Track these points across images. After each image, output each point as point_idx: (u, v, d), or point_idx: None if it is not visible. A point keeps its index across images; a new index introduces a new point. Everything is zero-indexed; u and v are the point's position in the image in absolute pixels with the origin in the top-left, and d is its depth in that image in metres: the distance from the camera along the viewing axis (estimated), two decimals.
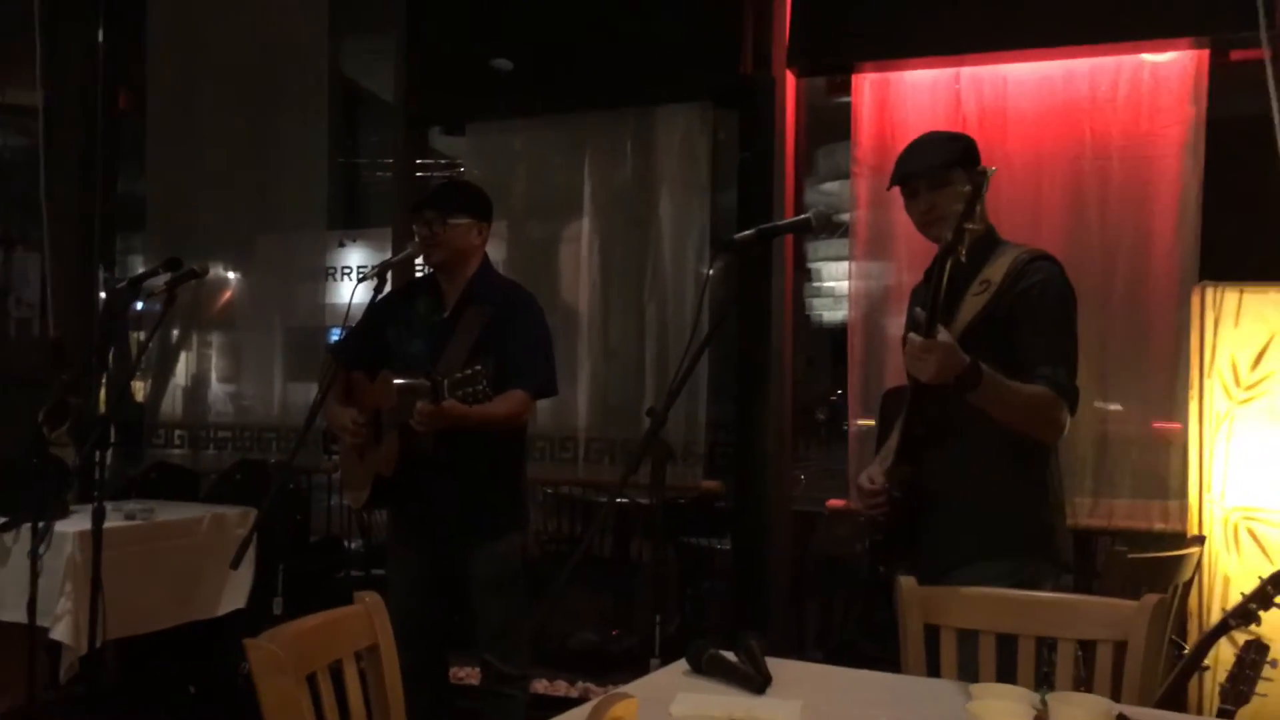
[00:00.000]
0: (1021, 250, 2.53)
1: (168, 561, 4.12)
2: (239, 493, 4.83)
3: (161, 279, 3.44)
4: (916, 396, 2.41)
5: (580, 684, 4.62)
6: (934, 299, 2.29)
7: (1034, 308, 2.44)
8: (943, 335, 2.29)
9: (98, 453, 3.49)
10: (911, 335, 2.32)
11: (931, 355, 2.27)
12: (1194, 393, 3.45)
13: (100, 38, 5.56)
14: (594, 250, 4.75)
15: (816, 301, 8.59)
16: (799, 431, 4.61)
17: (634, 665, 4.20)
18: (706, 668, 2.02)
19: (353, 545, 5.39)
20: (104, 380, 5.46)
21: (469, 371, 2.83)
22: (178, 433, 5.41)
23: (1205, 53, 3.74)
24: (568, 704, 3.29)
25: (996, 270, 2.48)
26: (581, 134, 4.77)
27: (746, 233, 2.31)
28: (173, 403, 5.48)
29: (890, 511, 2.50)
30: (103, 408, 5.19)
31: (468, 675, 4.31)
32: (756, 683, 1.93)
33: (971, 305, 2.47)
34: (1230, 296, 3.41)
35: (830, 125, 4.85)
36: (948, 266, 2.26)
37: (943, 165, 2.54)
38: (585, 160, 4.77)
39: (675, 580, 5.05)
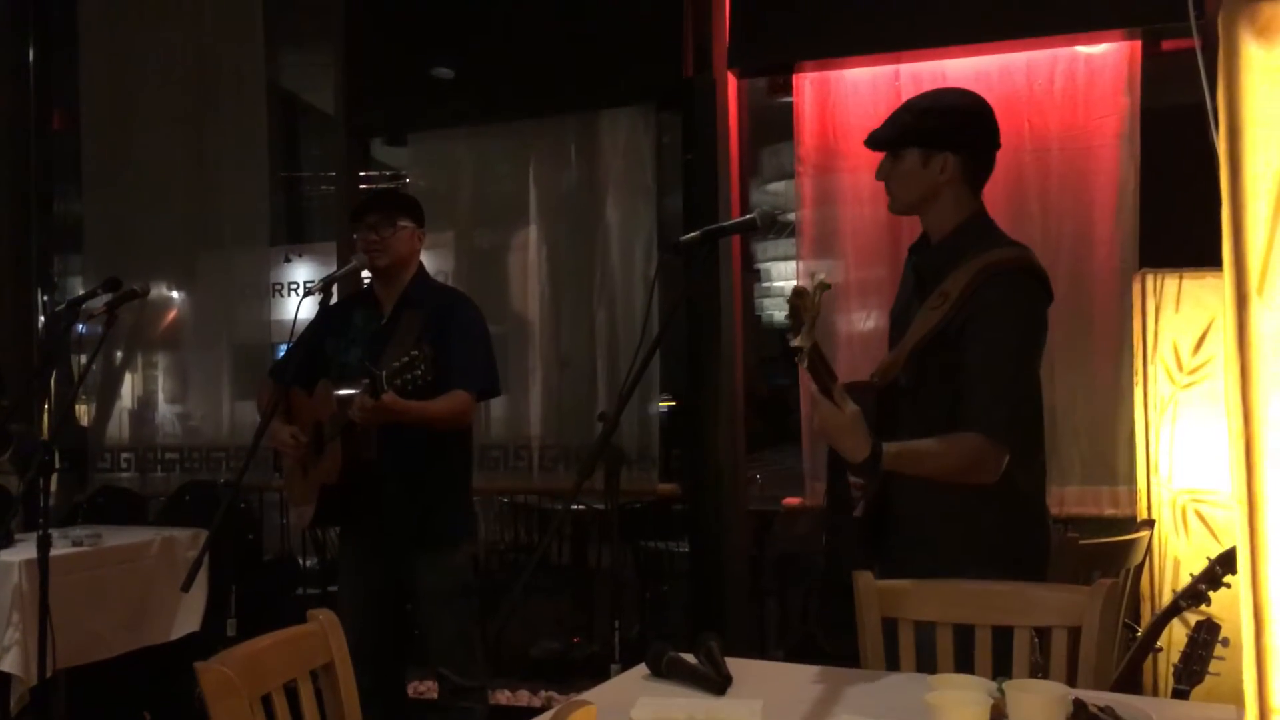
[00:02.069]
0: (995, 254, 2.28)
1: (118, 587, 4.05)
2: (189, 514, 4.76)
3: (102, 300, 3.38)
4: (878, 402, 2.27)
5: (543, 692, 4.60)
6: (819, 375, 2.04)
7: (980, 334, 2.21)
8: (848, 408, 2.06)
9: (41, 479, 3.42)
10: (815, 392, 2.09)
11: (817, 413, 2.09)
12: (1138, 379, 3.50)
13: (31, 57, 5.47)
14: (541, 257, 4.74)
15: (766, 301, 8.63)
16: (752, 431, 4.62)
17: (595, 671, 4.19)
18: (667, 670, 2.02)
19: (307, 563, 5.33)
20: (46, 405, 5.36)
21: (405, 359, 2.82)
22: (124, 456, 5.32)
23: (1137, 43, 3.81)
24: (531, 713, 3.27)
25: (957, 281, 2.25)
26: (525, 141, 4.75)
27: (692, 234, 2.27)
28: (118, 425, 5.39)
29: (859, 523, 2.37)
30: (45, 433, 5.09)
31: (428, 689, 4.27)
32: (717, 684, 1.93)
33: (926, 320, 2.28)
34: (1170, 283, 3.46)
35: (773, 125, 4.87)
36: (815, 360, 1.96)
37: (893, 140, 2.35)
38: (530, 167, 4.76)
39: (634, 585, 5.04)
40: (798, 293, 1.89)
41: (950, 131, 2.34)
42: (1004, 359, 2.23)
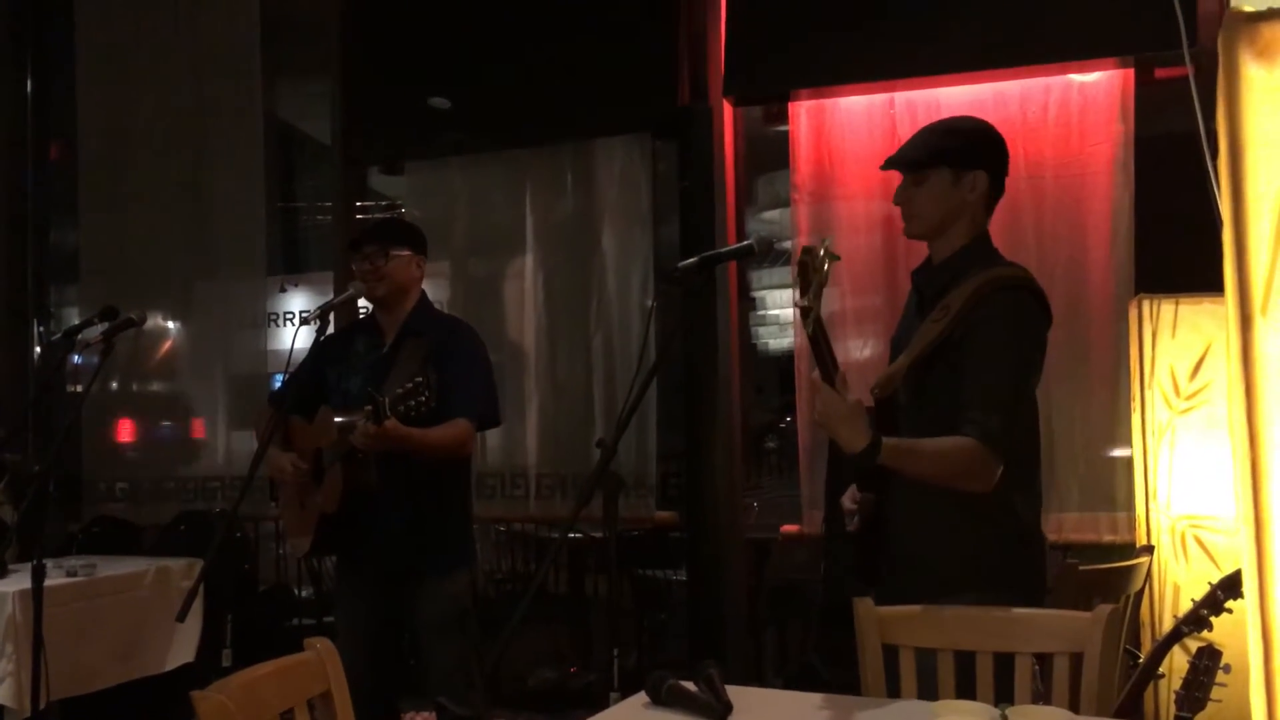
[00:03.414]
0: (996, 272, 2.32)
1: (112, 618, 4.02)
2: (184, 544, 4.73)
3: (98, 329, 3.38)
4: (876, 415, 2.26)
5: None
6: (821, 357, 2.13)
7: (980, 343, 2.24)
8: (849, 396, 2.14)
9: (36, 509, 3.41)
10: (816, 378, 2.17)
11: (818, 399, 2.16)
12: (1136, 404, 3.50)
13: (29, 88, 5.49)
14: (538, 285, 4.74)
15: (763, 330, 8.64)
16: (750, 459, 4.62)
17: (593, 701, 4.16)
18: (666, 699, 2.00)
19: (303, 593, 5.30)
20: (42, 435, 5.34)
21: (409, 385, 2.82)
22: (119, 485, 5.30)
23: (1130, 72, 3.83)
24: None
25: (959, 295, 2.29)
26: (521, 170, 4.77)
27: (689, 261, 2.28)
28: (114, 455, 5.37)
29: (855, 544, 2.38)
30: (41, 463, 5.08)
31: (425, 719, 4.24)
32: (717, 711, 1.91)
33: (927, 333, 2.31)
34: (1167, 308, 3.46)
35: (769, 154, 4.89)
36: (819, 336, 2.09)
37: (921, 161, 2.38)
38: (526, 196, 4.77)
39: (632, 613, 5.02)
40: (807, 250, 1.97)
41: (981, 150, 2.40)
42: (1002, 368, 2.25)
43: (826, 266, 1.96)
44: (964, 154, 2.37)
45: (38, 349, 5.46)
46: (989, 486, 2.21)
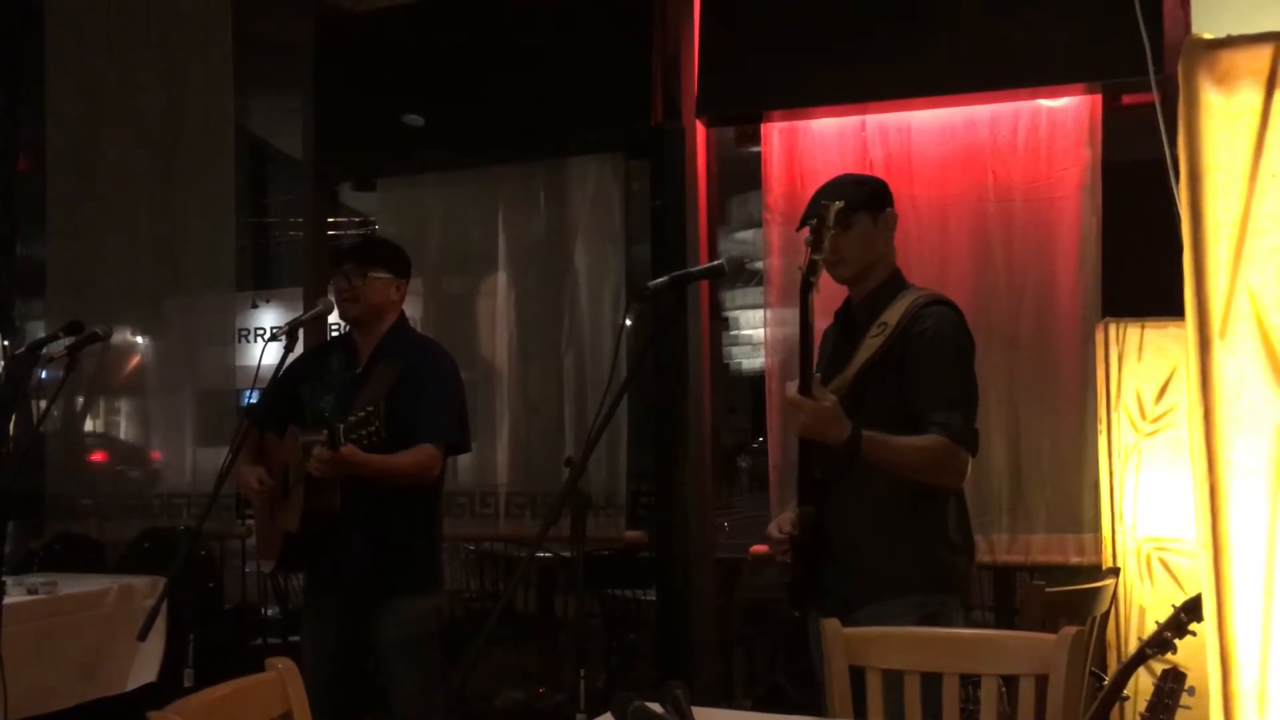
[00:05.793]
0: (920, 294, 2.59)
1: (73, 636, 3.96)
2: (148, 562, 4.67)
3: (63, 343, 3.34)
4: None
5: None
6: (804, 356, 2.37)
7: (925, 353, 2.49)
8: (827, 400, 2.35)
9: None
10: (788, 386, 2.39)
11: (801, 412, 2.36)
12: (1102, 427, 3.52)
13: None
14: (510, 303, 4.73)
15: (735, 350, 8.67)
16: (721, 479, 4.62)
17: None
18: None
19: (268, 612, 5.25)
20: (4, 450, 5.27)
21: (361, 414, 2.82)
22: (83, 502, 5.23)
23: (1098, 98, 3.87)
24: None
25: (893, 313, 2.54)
26: (494, 187, 4.76)
27: (660, 280, 2.32)
28: (78, 471, 5.30)
29: (795, 554, 2.54)
30: (1, 478, 5.01)
31: None
32: None
33: (868, 347, 2.54)
34: (1132, 332, 3.49)
35: (742, 175, 4.91)
36: (810, 301, 2.36)
37: (846, 210, 2.56)
38: (499, 214, 4.76)
39: (600, 633, 5.00)
40: (825, 205, 2.32)
41: (885, 192, 2.70)
42: (954, 371, 2.51)
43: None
44: (876, 197, 2.65)
45: (1, 362, 5.39)
46: (960, 481, 2.47)
